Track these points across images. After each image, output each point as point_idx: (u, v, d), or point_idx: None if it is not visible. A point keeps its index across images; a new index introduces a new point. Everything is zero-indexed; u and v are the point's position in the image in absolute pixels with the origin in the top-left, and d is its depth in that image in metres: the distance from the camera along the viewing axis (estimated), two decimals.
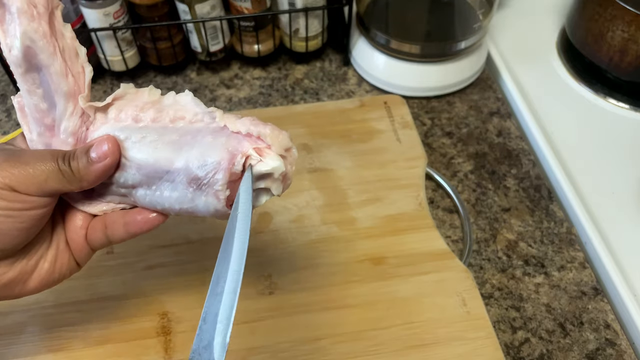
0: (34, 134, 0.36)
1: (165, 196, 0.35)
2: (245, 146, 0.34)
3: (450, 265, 0.52)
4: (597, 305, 0.52)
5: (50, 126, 0.35)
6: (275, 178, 0.34)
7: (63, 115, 0.35)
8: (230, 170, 0.33)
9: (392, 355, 0.46)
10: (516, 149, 0.64)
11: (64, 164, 0.34)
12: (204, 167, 0.34)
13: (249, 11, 0.65)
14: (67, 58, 0.34)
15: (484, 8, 0.68)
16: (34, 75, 0.34)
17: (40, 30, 0.33)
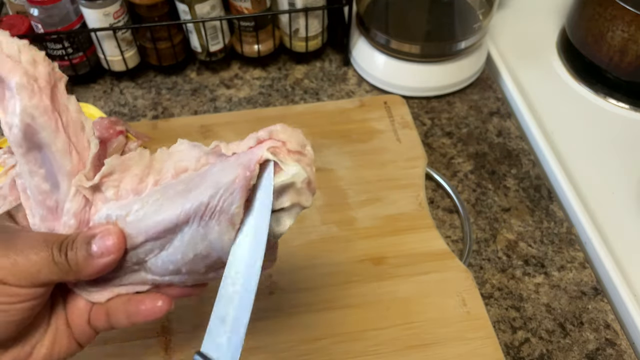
0: (36, 218, 0.32)
1: (177, 246, 0.31)
2: (258, 153, 0.29)
3: (450, 265, 0.52)
4: (597, 305, 0.52)
5: (54, 208, 0.32)
6: (299, 188, 0.30)
7: (66, 196, 0.32)
8: (248, 186, 0.29)
9: (392, 355, 0.46)
10: (516, 149, 0.64)
11: (59, 255, 0.30)
12: (216, 194, 0.29)
13: (249, 11, 0.65)
14: (72, 133, 0.31)
15: (484, 8, 0.68)
16: (36, 154, 0.31)
17: (42, 106, 0.30)
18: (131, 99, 0.69)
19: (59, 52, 0.65)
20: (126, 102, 0.69)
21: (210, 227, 0.30)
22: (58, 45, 0.64)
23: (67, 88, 0.32)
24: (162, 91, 0.70)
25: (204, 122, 0.63)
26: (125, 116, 0.67)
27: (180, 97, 0.69)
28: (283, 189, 0.30)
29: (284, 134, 0.30)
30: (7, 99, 0.30)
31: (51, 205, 0.32)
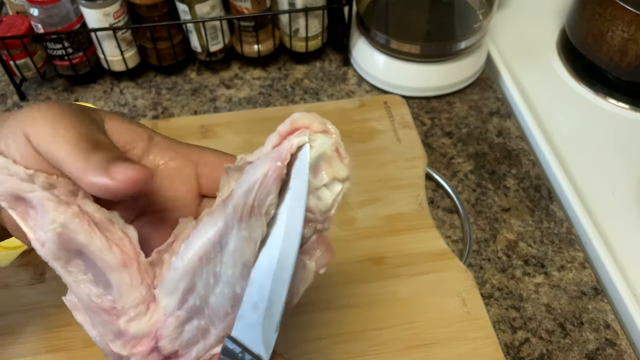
0: (97, 328, 0.31)
1: (226, 262, 0.29)
2: (285, 145, 0.28)
3: (450, 265, 0.52)
4: (597, 305, 0.52)
5: (112, 309, 0.30)
6: (330, 156, 0.28)
7: (121, 288, 0.30)
8: (281, 175, 0.27)
9: (392, 355, 0.46)
10: (516, 149, 0.64)
11: (87, 143, 0.28)
12: (251, 190, 0.28)
13: (249, 11, 0.65)
14: (104, 229, 0.30)
15: (484, 8, 0.68)
16: (77, 261, 0.30)
17: (70, 211, 0.29)
18: (131, 99, 0.69)
19: (59, 52, 0.65)
20: (126, 102, 0.69)
21: (252, 226, 0.28)
22: (58, 45, 0.64)
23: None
24: (162, 91, 0.70)
25: (204, 122, 0.63)
26: (125, 116, 0.67)
27: (180, 97, 0.69)
28: (317, 165, 0.28)
29: (305, 120, 0.28)
30: (32, 218, 0.29)
31: (108, 307, 0.31)
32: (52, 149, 0.28)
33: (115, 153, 0.29)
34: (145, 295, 0.31)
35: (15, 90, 0.68)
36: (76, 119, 0.29)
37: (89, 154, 0.27)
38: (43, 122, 0.28)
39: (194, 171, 0.33)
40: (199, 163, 0.33)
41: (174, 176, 0.32)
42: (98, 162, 0.27)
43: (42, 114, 0.28)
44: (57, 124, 0.28)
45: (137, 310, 0.31)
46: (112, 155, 0.28)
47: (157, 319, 0.31)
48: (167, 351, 0.32)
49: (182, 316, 0.31)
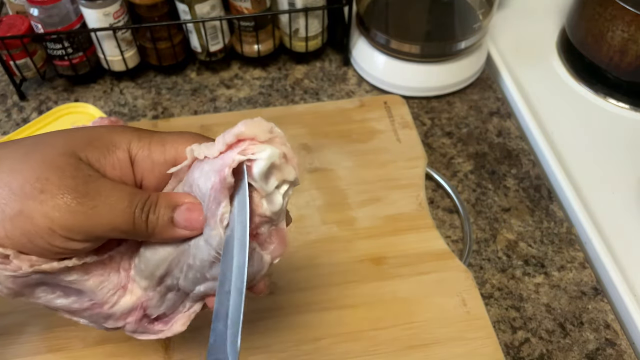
0: (87, 319, 0.35)
1: (192, 255, 0.33)
2: (229, 157, 0.30)
3: (450, 265, 0.52)
4: (597, 305, 0.52)
5: (92, 305, 0.34)
6: (279, 164, 0.31)
7: (92, 289, 0.33)
8: (225, 188, 0.30)
9: (392, 355, 0.46)
10: (516, 149, 0.64)
11: (140, 215, 0.30)
12: (204, 201, 0.31)
13: (249, 11, 0.65)
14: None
15: (484, 8, 0.68)
16: (40, 289, 0.33)
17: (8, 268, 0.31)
18: (131, 99, 0.69)
19: (59, 52, 0.65)
20: (126, 102, 0.69)
21: (208, 232, 0.31)
22: (58, 45, 0.64)
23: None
24: (162, 91, 0.70)
25: (204, 122, 0.63)
26: (125, 116, 0.67)
27: (180, 97, 0.69)
28: (268, 173, 0.31)
29: (250, 130, 0.30)
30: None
31: (88, 305, 0.34)
32: (113, 236, 0.31)
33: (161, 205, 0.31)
34: (117, 282, 0.34)
35: (15, 90, 0.68)
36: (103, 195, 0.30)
37: (147, 226, 0.31)
38: (87, 220, 0.30)
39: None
40: (176, 152, 0.34)
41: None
42: (159, 222, 0.31)
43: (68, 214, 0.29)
44: (97, 217, 0.30)
45: (116, 295, 0.34)
46: (165, 209, 0.31)
47: (139, 294, 0.35)
48: (155, 315, 0.36)
49: (162, 290, 0.35)
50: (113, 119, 0.59)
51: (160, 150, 0.32)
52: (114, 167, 0.32)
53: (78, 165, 0.30)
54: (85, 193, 0.30)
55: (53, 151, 0.30)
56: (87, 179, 0.30)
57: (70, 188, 0.29)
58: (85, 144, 0.31)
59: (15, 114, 0.67)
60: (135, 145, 0.32)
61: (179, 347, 0.46)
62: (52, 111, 0.63)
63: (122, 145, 0.32)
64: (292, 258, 0.52)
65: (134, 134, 0.32)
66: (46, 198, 0.29)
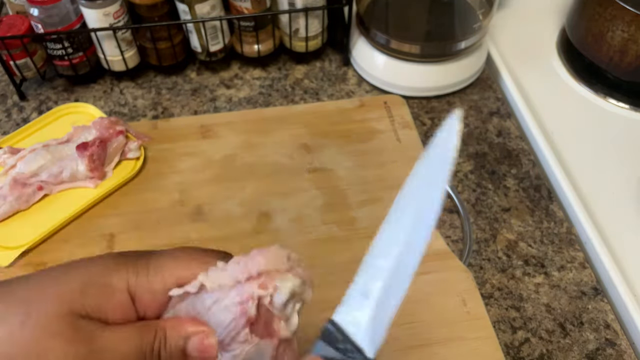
0: None
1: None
2: (247, 290, 0.31)
3: (450, 265, 0.52)
4: (597, 305, 0.52)
5: None
6: (299, 292, 0.33)
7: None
8: (248, 319, 0.31)
9: (392, 355, 0.46)
10: (516, 149, 0.64)
11: (152, 358, 0.29)
12: (223, 332, 0.31)
13: (249, 11, 0.65)
14: None
15: (484, 8, 0.68)
16: None
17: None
18: (131, 99, 0.69)
19: (59, 52, 0.65)
20: (126, 102, 0.69)
21: (228, 351, 0.32)
22: (58, 45, 0.64)
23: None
24: (162, 91, 0.70)
25: (204, 122, 0.63)
26: (125, 116, 0.67)
27: (180, 97, 0.69)
28: (288, 300, 0.32)
29: (271, 264, 0.31)
30: None
31: None
32: None
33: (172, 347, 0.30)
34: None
35: (15, 90, 0.68)
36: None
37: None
38: None
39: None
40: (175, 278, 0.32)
41: None
42: (172, 358, 0.30)
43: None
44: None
45: None
46: (174, 345, 0.30)
47: None
48: None
49: None
50: (113, 119, 0.59)
51: (160, 280, 0.31)
52: (115, 311, 0.30)
53: (76, 326, 0.29)
54: (87, 355, 0.28)
55: (48, 313, 0.29)
56: (89, 340, 0.29)
57: (72, 356, 0.28)
58: (80, 294, 0.30)
59: (15, 114, 0.67)
60: (134, 282, 0.31)
61: None
62: (52, 111, 0.63)
63: (119, 286, 0.30)
64: None
65: (129, 269, 0.31)
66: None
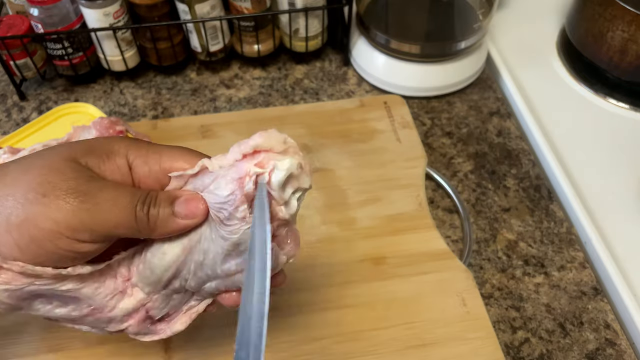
0: (89, 325, 0.35)
1: (210, 260, 0.34)
2: (246, 167, 0.32)
3: (450, 265, 0.52)
4: (597, 305, 0.52)
5: (91, 310, 0.34)
6: (296, 174, 0.32)
7: (89, 296, 0.34)
8: (245, 195, 0.32)
9: (392, 355, 0.46)
10: (516, 149, 0.64)
11: (142, 210, 0.31)
12: (220, 204, 0.32)
13: (249, 11, 0.65)
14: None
15: (484, 8, 0.68)
16: (38, 300, 0.33)
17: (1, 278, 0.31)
18: (131, 99, 0.69)
19: (59, 52, 0.65)
20: (126, 102, 0.69)
21: (231, 226, 0.32)
22: (58, 45, 0.64)
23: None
24: (162, 91, 0.70)
25: (204, 122, 0.63)
26: (125, 116, 0.67)
27: (180, 97, 0.69)
28: (285, 183, 0.32)
29: (267, 142, 0.32)
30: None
31: (87, 312, 0.35)
32: (117, 234, 0.31)
33: (162, 198, 0.32)
34: (114, 288, 0.34)
35: (15, 90, 0.68)
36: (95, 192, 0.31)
37: (148, 221, 0.32)
38: (91, 220, 0.30)
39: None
40: (172, 163, 0.34)
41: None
42: (159, 214, 0.32)
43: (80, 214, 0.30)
44: (101, 214, 0.30)
45: (114, 300, 0.34)
46: (165, 201, 0.32)
47: (141, 297, 0.35)
48: (159, 316, 0.37)
49: (167, 293, 0.36)
50: (113, 119, 0.59)
51: (157, 159, 0.33)
52: (113, 172, 0.32)
53: (79, 168, 0.31)
54: (87, 192, 0.30)
55: (54, 157, 0.31)
56: (89, 178, 0.31)
57: (72, 189, 0.30)
58: (85, 151, 0.32)
59: (15, 114, 0.67)
60: (133, 153, 0.33)
61: (179, 348, 0.46)
62: (52, 111, 0.62)
63: (120, 152, 0.33)
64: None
65: (131, 143, 0.34)
66: (49, 201, 0.29)
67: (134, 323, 0.36)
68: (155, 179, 0.33)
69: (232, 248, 0.33)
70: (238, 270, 0.34)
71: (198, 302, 0.38)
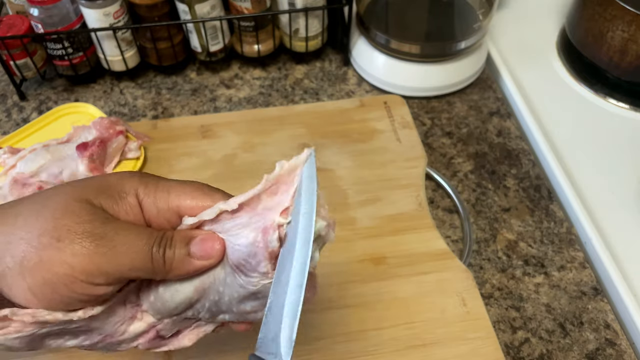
0: (101, 349, 0.35)
1: (226, 301, 0.34)
2: (270, 217, 0.31)
3: (450, 265, 0.52)
4: (597, 305, 0.52)
5: (103, 337, 0.34)
6: (323, 235, 0.33)
7: (99, 326, 0.34)
8: (268, 249, 0.31)
9: (392, 355, 0.46)
10: (516, 149, 0.64)
11: (158, 252, 0.31)
12: (244, 255, 0.31)
13: (249, 11, 0.65)
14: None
15: (484, 8, 0.68)
16: (49, 338, 0.33)
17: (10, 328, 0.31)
18: (131, 99, 0.69)
19: (59, 52, 0.65)
20: (126, 102, 0.69)
21: (251, 279, 0.32)
22: (58, 45, 0.64)
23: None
24: (162, 91, 0.70)
25: (204, 122, 0.63)
26: (125, 116, 0.67)
27: (180, 97, 0.69)
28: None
29: (280, 177, 0.32)
30: None
31: (99, 339, 0.34)
32: (133, 276, 0.31)
33: (177, 239, 0.32)
34: (124, 315, 0.34)
35: (15, 90, 0.68)
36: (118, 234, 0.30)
37: (164, 263, 0.31)
38: (107, 264, 0.30)
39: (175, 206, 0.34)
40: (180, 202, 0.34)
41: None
42: (175, 256, 0.31)
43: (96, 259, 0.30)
44: (116, 258, 0.30)
45: (124, 325, 0.34)
46: (181, 243, 0.32)
47: (151, 321, 0.35)
48: (168, 335, 0.37)
49: (179, 319, 0.36)
50: (113, 119, 0.59)
51: (165, 198, 0.33)
52: (127, 212, 0.32)
53: (93, 210, 0.31)
54: (103, 235, 0.30)
55: (67, 198, 0.31)
56: (104, 220, 0.30)
57: (88, 232, 0.29)
58: (98, 191, 0.32)
59: (15, 114, 0.67)
60: (142, 192, 0.33)
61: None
62: (52, 111, 0.63)
63: (131, 192, 0.32)
64: None
65: (141, 181, 0.33)
66: (64, 245, 0.29)
67: (144, 342, 0.36)
68: (164, 218, 0.33)
69: (250, 295, 0.33)
70: (253, 311, 0.34)
71: (208, 324, 0.37)
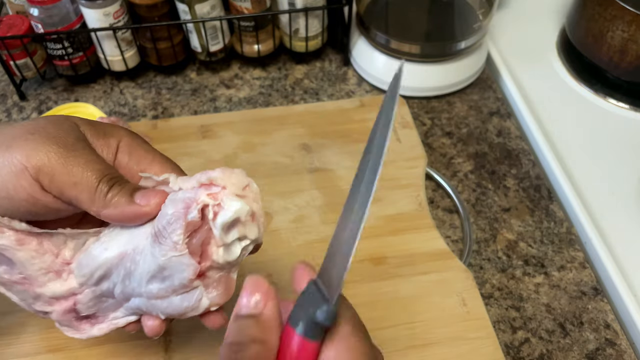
0: (18, 295, 0.36)
1: (138, 273, 0.34)
2: (198, 194, 0.32)
3: (450, 265, 0.52)
4: (597, 305, 0.52)
5: (22, 279, 0.35)
6: (244, 221, 0.32)
7: (23, 262, 0.34)
8: (186, 219, 0.32)
9: (392, 355, 0.46)
10: (516, 149, 0.64)
11: (109, 181, 0.33)
12: (162, 221, 0.32)
13: (249, 11, 0.65)
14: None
15: (484, 8, 0.68)
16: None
17: None
18: (131, 99, 0.69)
19: (59, 52, 0.65)
20: (126, 102, 0.69)
21: (162, 247, 0.32)
22: (58, 45, 0.64)
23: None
24: (162, 91, 0.70)
25: (204, 122, 0.63)
26: (125, 116, 0.67)
27: (180, 97, 0.69)
28: (230, 225, 0.32)
29: (223, 180, 0.32)
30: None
31: (18, 279, 0.35)
32: (73, 195, 0.32)
33: (126, 184, 0.34)
34: (50, 265, 0.35)
35: (15, 90, 0.68)
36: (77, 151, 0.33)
37: (106, 196, 0.33)
38: (59, 167, 0.32)
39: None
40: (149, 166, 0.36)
41: None
42: (121, 191, 0.33)
43: (51, 156, 0.32)
44: (70, 166, 0.32)
45: (47, 277, 0.35)
46: (128, 188, 0.33)
47: (72, 286, 0.36)
48: (84, 313, 0.37)
49: (97, 292, 0.36)
50: (113, 119, 0.59)
51: (138, 157, 0.35)
52: (102, 150, 0.35)
53: (76, 129, 0.34)
54: (69, 146, 0.32)
55: (59, 116, 0.34)
56: (79, 139, 0.33)
57: (59, 137, 0.32)
58: (88, 124, 0.35)
59: (15, 114, 0.67)
60: (124, 142, 0.35)
61: (179, 348, 0.46)
62: (52, 111, 0.63)
63: (115, 136, 0.35)
64: (292, 258, 0.52)
65: (130, 135, 0.36)
66: (33, 138, 0.32)
67: (59, 310, 0.36)
68: (129, 171, 0.35)
69: (158, 270, 0.33)
70: (159, 296, 0.34)
71: (123, 315, 0.37)
